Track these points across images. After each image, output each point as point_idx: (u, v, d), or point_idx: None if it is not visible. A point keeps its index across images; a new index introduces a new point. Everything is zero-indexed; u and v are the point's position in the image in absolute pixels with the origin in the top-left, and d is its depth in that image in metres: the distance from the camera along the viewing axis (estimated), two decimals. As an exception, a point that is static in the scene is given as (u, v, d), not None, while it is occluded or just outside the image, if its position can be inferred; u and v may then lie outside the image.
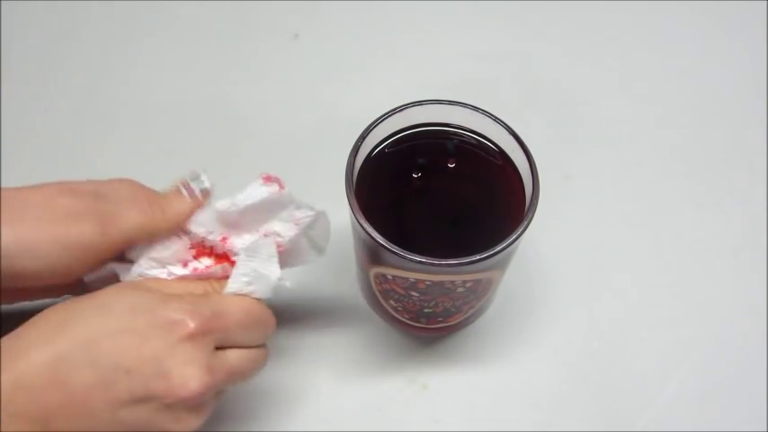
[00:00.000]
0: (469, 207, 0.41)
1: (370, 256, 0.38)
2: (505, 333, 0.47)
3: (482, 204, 0.41)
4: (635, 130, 0.56)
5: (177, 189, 0.38)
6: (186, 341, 0.33)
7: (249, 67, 0.59)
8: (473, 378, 0.45)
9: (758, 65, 0.59)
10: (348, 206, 0.37)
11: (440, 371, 0.45)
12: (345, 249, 0.45)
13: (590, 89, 0.58)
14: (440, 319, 0.43)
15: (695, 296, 0.48)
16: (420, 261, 0.35)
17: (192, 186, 0.38)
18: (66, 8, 0.61)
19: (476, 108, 0.40)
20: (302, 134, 0.55)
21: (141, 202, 0.37)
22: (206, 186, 0.38)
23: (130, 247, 0.37)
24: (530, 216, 0.36)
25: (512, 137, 0.39)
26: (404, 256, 0.35)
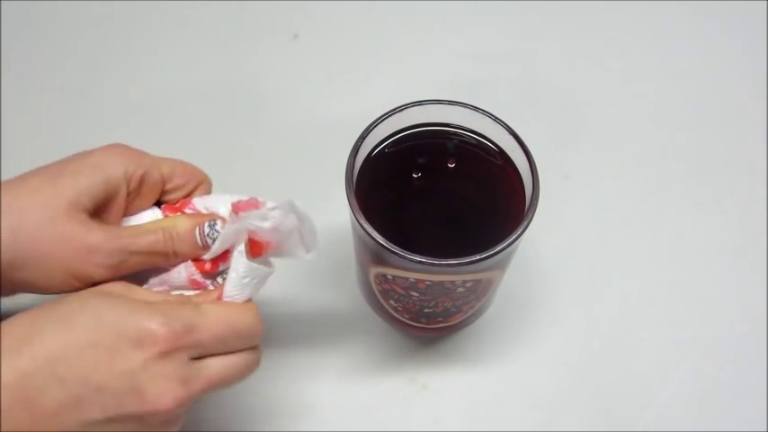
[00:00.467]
0: (469, 207, 0.41)
1: (370, 256, 0.38)
2: (505, 333, 0.47)
3: (482, 204, 0.41)
4: (635, 130, 0.56)
5: (192, 231, 0.37)
6: (158, 356, 0.31)
7: (249, 67, 0.59)
8: (473, 378, 0.45)
9: (758, 65, 0.59)
10: (348, 206, 0.37)
11: (440, 371, 0.45)
12: (345, 249, 0.45)
13: (590, 89, 0.58)
14: (440, 319, 0.43)
15: (695, 296, 0.48)
16: (420, 261, 0.35)
17: (208, 237, 0.37)
18: (66, 8, 0.61)
19: (476, 108, 0.40)
20: (302, 134, 0.55)
21: (155, 242, 0.36)
22: (216, 237, 0.37)
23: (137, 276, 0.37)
24: (530, 216, 0.36)
25: (512, 137, 0.39)
26: (404, 256, 0.35)
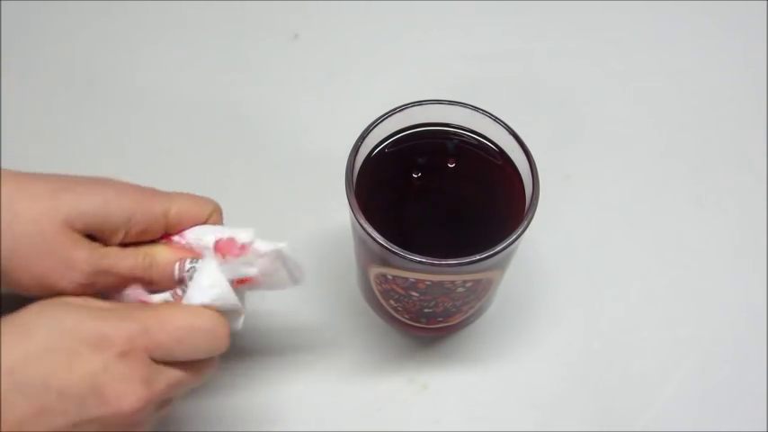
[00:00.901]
0: (469, 207, 0.41)
1: (370, 256, 0.38)
2: (505, 333, 0.47)
3: (482, 204, 0.41)
4: (635, 130, 0.56)
5: (172, 264, 0.37)
6: (118, 356, 0.31)
7: (249, 67, 0.59)
8: (473, 378, 0.45)
9: (758, 65, 0.59)
10: (348, 206, 0.37)
11: (440, 371, 0.45)
12: (345, 249, 0.45)
13: (590, 89, 0.58)
14: (440, 319, 0.43)
15: (695, 296, 0.48)
16: (420, 261, 0.35)
17: (186, 273, 0.36)
18: (66, 8, 0.61)
19: (476, 108, 0.40)
20: (302, 134, 0.55)
21: (133, 267, 0.36)
22: (194, 272, 0.36)
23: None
24: (530, 216, 0.36)
25: (512, 137, 0.39)
26: (404, 257, 0.35)
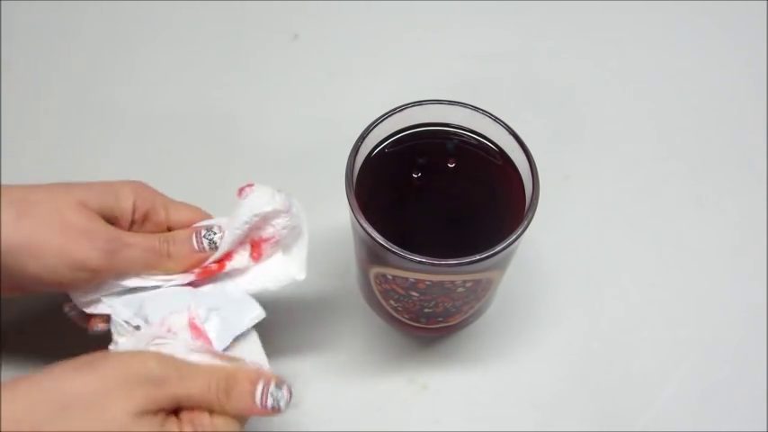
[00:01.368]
0: (469, 207, 0.41)
1: (370, 256, 0.38)
2: (505, 333, 0.47)
3: (482, 204, 0.41)
4: (635, 130, 0.56)
5: (189, 237, 0.38)
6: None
7: (249, 67, 0.59)
8: (473, 378, 0.45)
9: (758, 65, 0.59)
10: (348, 206, 0.37)
11: (440, 371, 0.45)
12: (345, 249, 0.45)
13: (590, 89, 0.58)
14: (440, 319, 0.43)
15: (695, 296, 0.48)
16: (420, 261, 0.35)
17: (204, 238, 0.38)
18: (66, 8, 0.61)
19: (476, 108, 0.40)
20: (302, 134, 0.55)
21: (151, 241, 0.37)
22: (216, 241, 0.38)
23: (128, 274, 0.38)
24: (530, 216, 0.36)
25: (512, 137, 0.39)
26: (404, 256, 0.35)
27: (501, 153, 0.40)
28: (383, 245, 0.35)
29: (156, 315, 0.36)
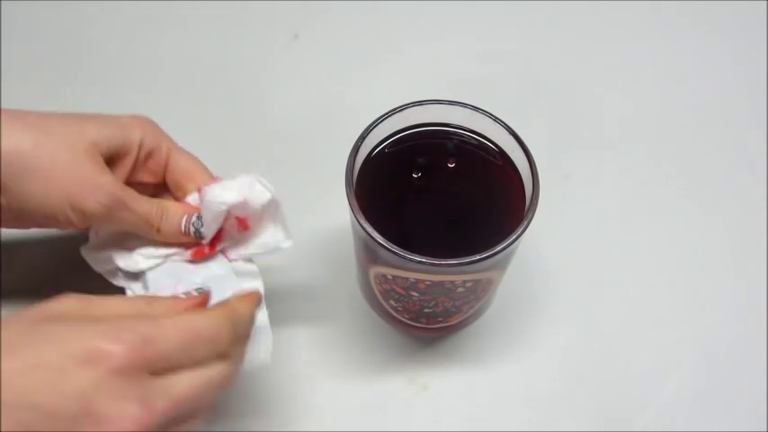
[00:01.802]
0: (469, 207, 0.41)
1: (370, 256, 0.38)
2: (505, 333, 0.47)
3: (482, 204, 0.41)
4: (635, 129, 0.56)
5: (180, 218, 0.39)
6: (114, 373, 0.28)
7: (249, 67, 0.59)
8: (473, 378, 0.45)
9: (758, 65, 0.59)
10: (348, 206, 0.37)
11: (440, 371, 0.45)
12: (345, 249, 0.45)
13: (590, 89, 0.58)
14: (440, 319, 0.43)
15: (695, 296, 0.48)
16: (420, 261, 0.35)
17: (192, 225, 0.39)
18: (65, 9, 0.61)
19: (476, 108, 0.40)
20: (302, 134, 0.55)
21: (149, 211, 0.38)
22: (201, 232, 0.40)
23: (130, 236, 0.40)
24: (530, 216, 0.36)
25: (512, 137, 0.39)
26: (404, 256, 0.35)
27: (501, 153, 0.40)
28: (383, 245, 0.35)
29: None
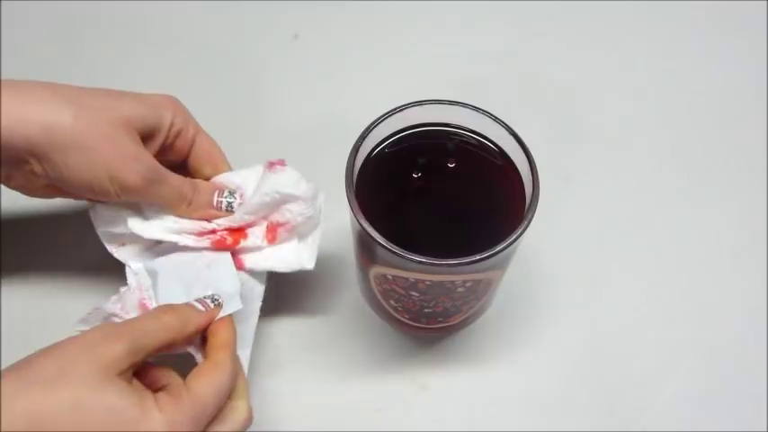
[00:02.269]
0: (469, 207, 0.41)
1: (371, 256, 0.38)
2: (505, 333, 0.47)
3: (482, 204, 0.41)
4: (635, 130, 0.56)
5: (212, 192, 0.41)
6: None
7: (249, 66, 0.59)
8: (473, 378, 0.45)
9: (758, 65, 0.59)
10: (348, 206, 0.37)
11: (440, 371, 0.45)
12: (345, 249, 0.45)
13: (590, 89, 0.58)
14: (440, 319, 0.43)
15: (695, 296, 0.48)
16: (420, 261, 0.35)
17: (224, 199, 0.42)
18: (65, 9, 0.61)
19: (476, 108, 0.40)
20: (302, 134, 0.55)
21: (184, 185, 0.40)
22: (233, 205, 0.41)
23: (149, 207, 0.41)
24: (530, 216, 0.36)
25: (512, 137, 0.39)
26: (404, 256, 0.35)
27: (501, 153, 0.40)
28: (383, 245, 0.35)
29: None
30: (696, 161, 0.54)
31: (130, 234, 0.41)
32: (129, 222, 0.41)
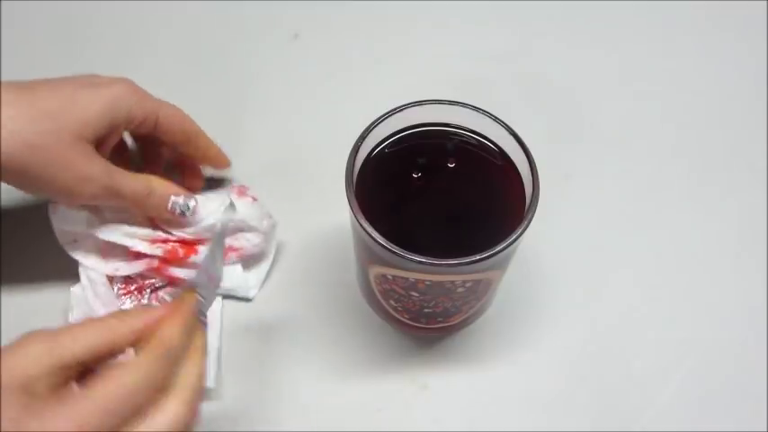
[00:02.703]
0: (469, 207, 0.41)
1: (370, 256, 0.38)
2: (505, 333, 0.47)
3: (482, 204, 0.41)
4: (635, 129, 0.56)
5: (167, 198, 0.43)
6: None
7: (249, 66, 0.59)
8: (473, 378, 0.45)
9: (758, 65, 0.59)
10: (348, 206, 0.37)
11: (440, 371, 0.45)
12: (345, 249, 0.45)
13: (590, 88, 0.58)
14: (440, 319, 0.43)
15: (695, 296, 0.48)
16: (420, 261, 0.35)
17: (180, 202, 0.43)
18: (65, 9, 0.61)
19: (476, 108, 0.40)
20: (302, 134, 0.55)
21: (140, 190, 0.42)
22: (185, 212, 0.43)
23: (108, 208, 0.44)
24: (530, 216, 0.36)
25: (512, 137, 0.39)
26: (404, 256, 0.35)
27: (501, 153, 0.40)
28: (383, 245, 0.35)
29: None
30: (696, 161, 0.54)
31: (82, 232, 0.43)
32: (87, 223, 0.43)
